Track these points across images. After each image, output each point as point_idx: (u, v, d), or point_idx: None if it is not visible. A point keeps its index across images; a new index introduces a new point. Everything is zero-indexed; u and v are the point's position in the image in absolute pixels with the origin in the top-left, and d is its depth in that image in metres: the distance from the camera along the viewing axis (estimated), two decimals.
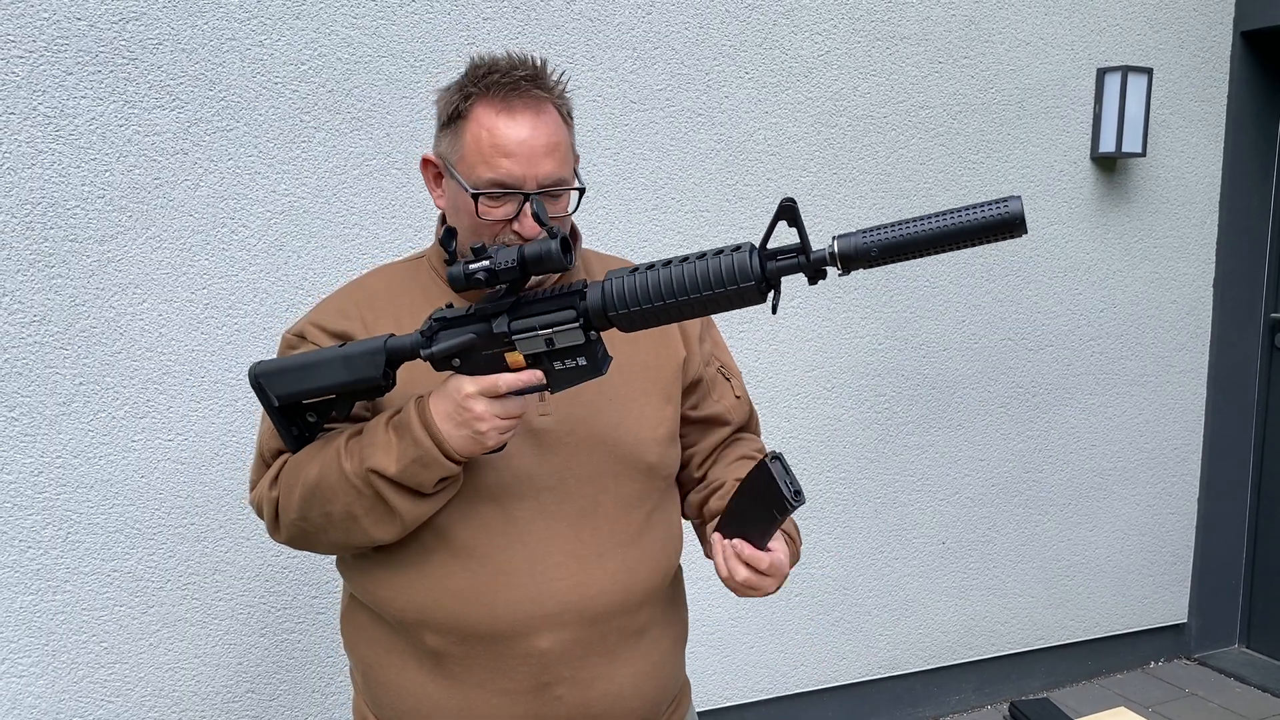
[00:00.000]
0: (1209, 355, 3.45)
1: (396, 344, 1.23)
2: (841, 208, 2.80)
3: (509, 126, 1.24)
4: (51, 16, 1.96)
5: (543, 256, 1.14)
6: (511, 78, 1.25)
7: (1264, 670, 3.50)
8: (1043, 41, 3.01)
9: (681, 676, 1.51)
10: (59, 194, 2.00)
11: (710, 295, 1.12)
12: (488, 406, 1.18)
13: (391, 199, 2.28)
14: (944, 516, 3.10)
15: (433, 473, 1.22)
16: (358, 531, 1.27)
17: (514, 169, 1.24)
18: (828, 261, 1.10)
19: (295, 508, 1.29)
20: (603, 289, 1.16)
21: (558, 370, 1.21)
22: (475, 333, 1.20)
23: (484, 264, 1.16)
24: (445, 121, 1.29)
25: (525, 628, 1.29)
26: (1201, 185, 3.34)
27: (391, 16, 2.24)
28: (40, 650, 2.09)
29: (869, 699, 3.10)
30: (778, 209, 1.08)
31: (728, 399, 1.49)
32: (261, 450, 1.38)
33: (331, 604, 2.33)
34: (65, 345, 2.04)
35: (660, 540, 1.41)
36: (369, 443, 1.24)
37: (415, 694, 1.34)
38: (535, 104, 1.25)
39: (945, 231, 1.05)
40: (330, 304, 1.40)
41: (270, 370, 1.27)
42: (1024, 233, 1.05)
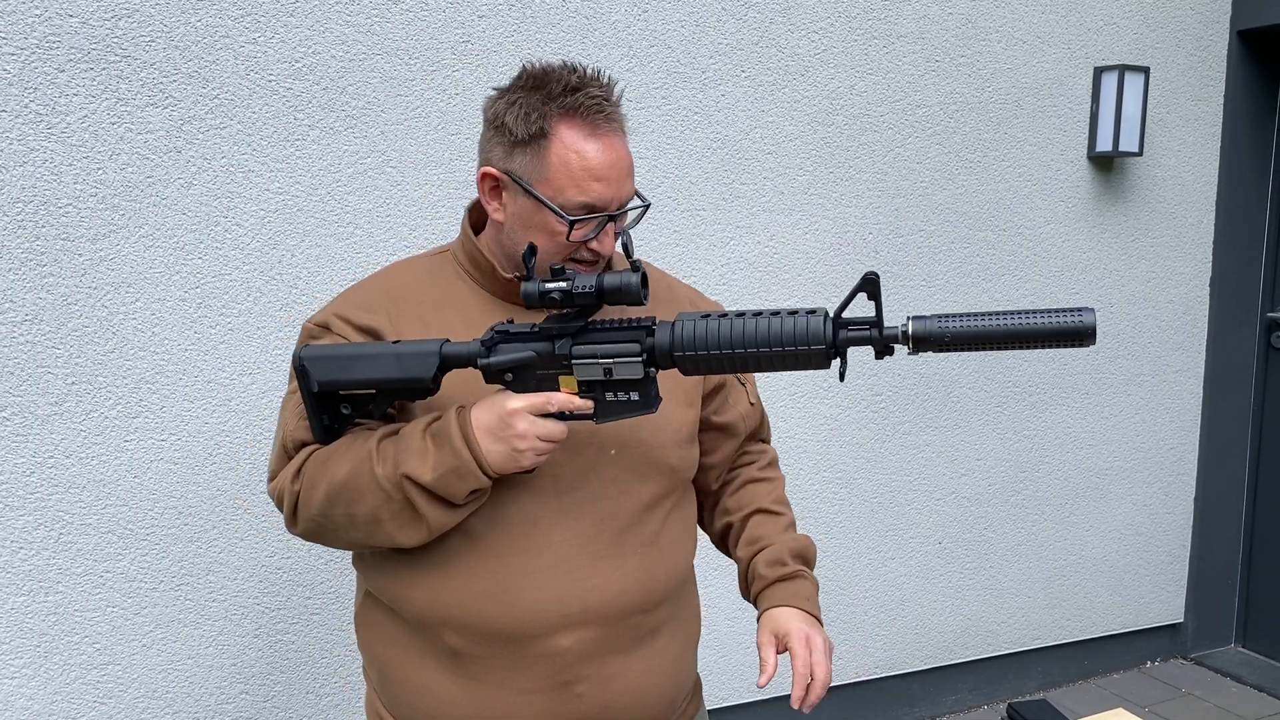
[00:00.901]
0: (1205, 355, 3.45)
1: (452, 350, 1.24)
2: (838, 207, 2.80)
3: (599, 152, 1.25)
4: (43, 14, 1.94)
5: (622, 289, 1.17)
6: (593, 99, 1.25)
7: (1260, 670, 3.50)
8: (1039, 40, 3.00)
9: (694, 673, 1.54)
10: (51, 192, 1.99)
11: (779, 353, 1.15)
12: (530, 425, 1.20)
13: (386, 197, 2.27)
14: (940, 516, 3.10)
15: (466, 484, 1.22)
16: (380, 534, 1.27)
17: (604, 192, 1.26)
18: (899, 340, 1.14)
19: (318, 504, 1.29)
20: (673, 330, 1.18)
21: (608, 400, 1.23)
22: (536, 351, 1.22)
23: (561, 285, 1.18)
24: (520, 139, 1.26)
25: (547, 628, 1.30)
26: (1198, 184, 3.34)
27: (386, 14, 2.23)
28: (32, 652, 2.08)
29: (866, 699, 3.09)
30: (861, 281, 1.11)
31: (741, 405, 1.53)
32: (284, 441, 1.36)
33: (325, 605, 2.32)
34: (57, 344, 2.03)
35: (677, 540, 1.43)
36: (404, 448, 1.24)
37: (433, 693, 1.35)
38: (615, 126, 1.28)
39: (1018, 332, 1.10)
40: (354, 296, 1.39)
41: (318, 356, 1.27)
42: (1092, 343, 1.09)
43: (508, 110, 1.27)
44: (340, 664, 2.36)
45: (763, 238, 2.71)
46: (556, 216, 1.25)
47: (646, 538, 1.36)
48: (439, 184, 2.31)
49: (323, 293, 2.22)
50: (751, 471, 1.56)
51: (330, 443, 1.32)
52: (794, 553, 1.48)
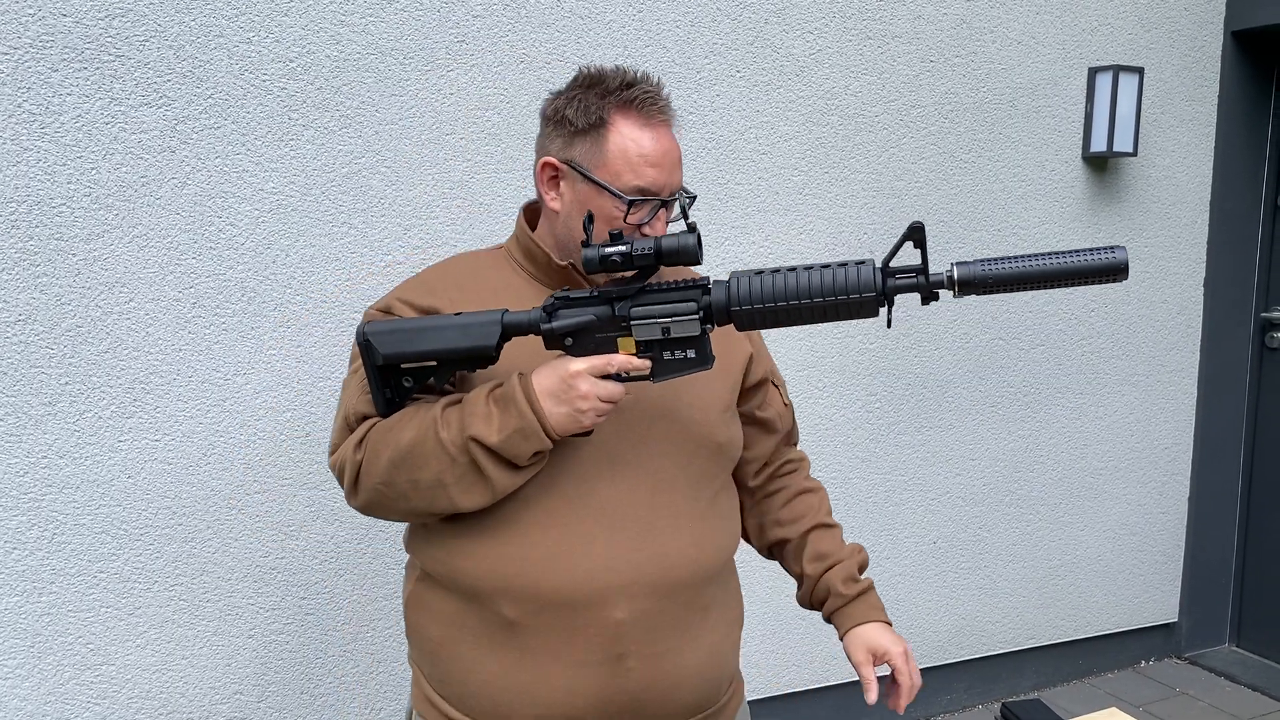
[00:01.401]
0: (1200, 355, 3.46)
1: (513, 318, 1.31)
2: (833, 207, 2.80)
3: (653, 140, 1.35)
4: (37, 13, 1.94)
5: (679, 249, 1.24)
6: (646, 94, 1.36)
7: (1254, 669, 3.50)
8: (1034, 41, 3.01)
9: (735, 663, 1.56)
10: (45, 192, 1.99)
11: (831, 302, 1.22)
12: (592, 387, 1.26)
13: (380, 197, 2.27)
14: (935, 516, 3.10)
15: (531, 445, 1.28)
16: (443, 499, 1.32)
17: (658, 178, 1.35)
18: (945, 285, 1.21)
19: (381, 472, 1.33)
20: (728, 286, 1.25)
21: (665, 359, 1.29)
22: (595, 314, 1.29)
23: (620, 248, 1.25)
24: (580, 129, 1.36)
25: (602, 597, 1.34)
26: (1192, 185, 3.35)
27: (380, 14, 2.22)
28: (26, 652, 2.08)
29: (859, 699, 3.09)
30: (906, 230, 1.17)
31: (777, 404, 1.60)
32: (346, 414, 1.41)
33: (319, 605, 2.32)
34: (51, 344, 2.02)
35: (724, 519, 1.48)
36: (470, 413, 1.30)
37: (487, 668, 1.38)
38: (667, 119, 1.38)
39: (1056, 271, 1.17)
40: (415, 283, 1.46)
41: (383, 330, 1.33)
42: (1125, 278, 1.19)
43: (567, 105, 1.37)
44: (335, 664, 2.36)
45: (758, 238, 2.71)
46: (615, 199, 1.34)
47: (697, 512, 1.41)
48: (433, 184, 2.31)
49: (317, 293, 2.22)
50: (799, 481, 1.64)
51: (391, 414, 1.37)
52: (860, 566, 1.60)
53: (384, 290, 2.28)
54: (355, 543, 2.34)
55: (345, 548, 2.33)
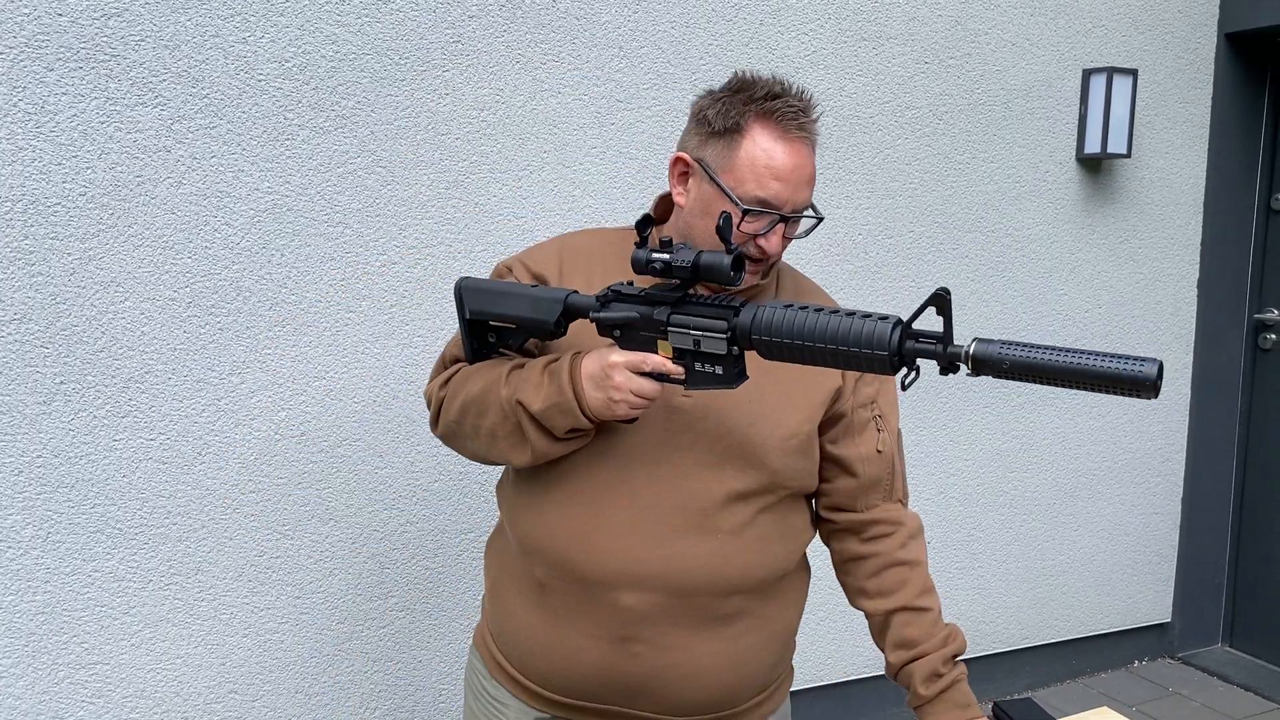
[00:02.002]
0: (1193, 356, 3.47)
1: (575, 300, 1.37)
2: (828, 208, 2.80)
3: (785, 153, 1.36)
4: (32, 12, 1.94)
5: (714, 266, 1.25)
6: (790, 108, 1.37)
7: (1247, 669, 3.51)
8: (1028, 42, 3.02)
9: (770, 675, 1.55)
10: (40, 191, 1.99)
11: (844, 351, 1.19)
12: (627, 380, 1.30)
13: (376, 197, 2.27)
14: (929, 516, 3.11)
15: (567, 420, 1.34)
16: (496, 450, 1.43)
17: (781, 192, 1.36)
18: (961, 359, 1.15)
19: (455, 411, 1.45)
20: (755, 312, 1.25)
21: (697, 370, 1.31)
22: (639, 313, 1.32)
23: (663, 257, 1.28)
24: (717, 131, 1.38)
25: (614, 581, 1.39)
26: (1186, 186, 3.36)
27: (376, 14, 2.23)
28: (20, 651, 2.08)
29: (856, 698, 3.10)
30: (931, 296, 1.13)
31: (865, 447, 1.52)
32: (445, 354, 1.55)
33: (314, 605, 2.32)
34: (46, 344, 2.02)
35: (766, 539, 1.46)
36: (523, 378, 1.38)
37: (520, 616, 1.49)
38: (805, 136, 1.38)
39: (1077, 370, 1.08)
40: (541, 248, 1.55)
41: (473, 287, 1.46)
42: (1154, 396, 1.07)
43: (711, 105, 1.40)
44: (330, 663, 2.36)
45: None
46: (732, 204, 1.35)
47: (729, 528, 1.41)
48: (429, 184, 2.31)
49: (312, 292, 2.23)
50: (892, 550, 1.56)
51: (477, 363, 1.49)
52: (950, 656, 1.51)
53: (380, 289, 2.29)
54: (350, 542, 2.34)
55: (340, 547, 2.33)
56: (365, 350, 2.30)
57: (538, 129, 2.42)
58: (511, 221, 2.41)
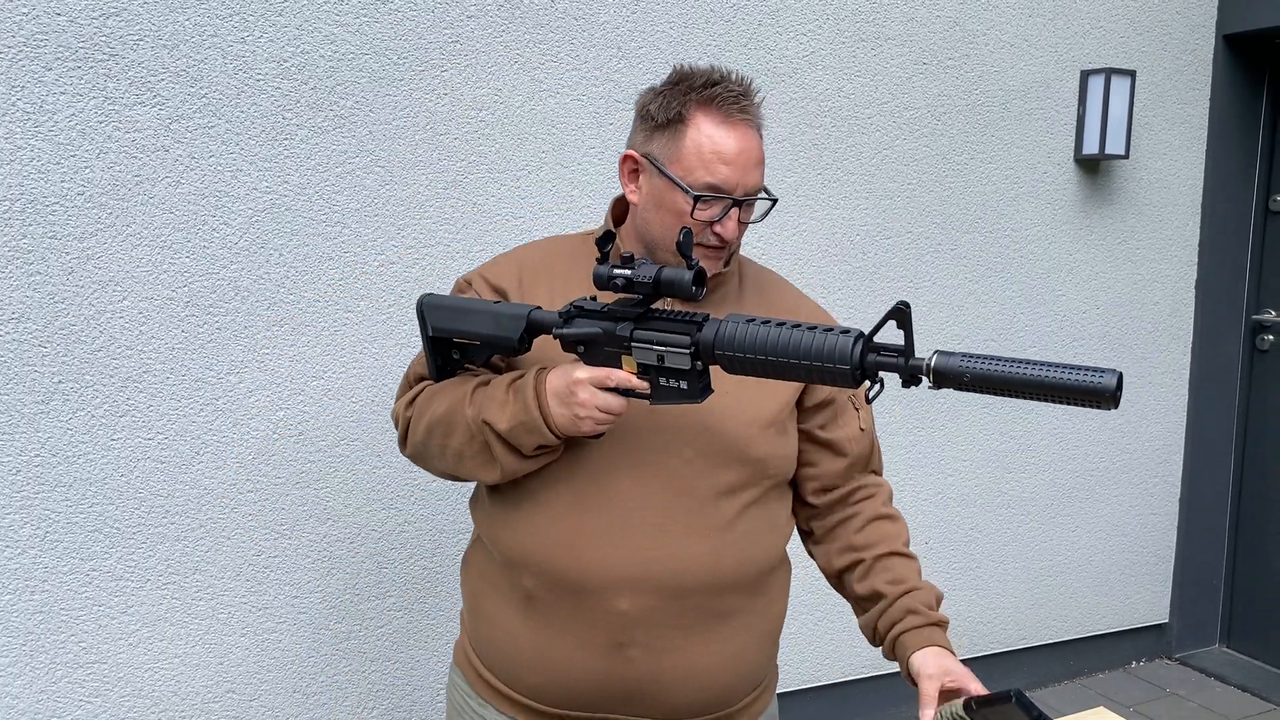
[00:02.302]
0: (1191, 357, 3.47)
1: (538, 316, 1.37)
2: (826, 208, 2.81)
3: (729, 137, 1.36)
4: (31, 11, 1.94)
5: (675, 282, 1.24)
6: (730, 92, 1.37)
7: (1245, 670, 3.52)
8: (1027, 43, 3.02)
9: (762, 672, 1.55)
10: (38, 190, 1.99)
11: (806, 365, 1.19)
12: (591, 396, 1.29)
13: (374, 197, 2.27)
14: (927, 517, 3.11)
15: (533, 438, 1.34)
16: (464, 468, 1.42)
17: (730, 176, 1.36)
18: (923, 372, 1.16)
19: (421, 432, 1.45)
20: (718, 328, 1.24)
21: (662, 385, 1.31)
22: (602, 329, 1.31)
23: (625, 272, 1.27)
24: (661, 124, 1.39)
25: (608, 586, 1.38)
26: (1184, 187, 3.36)
27: (374, 14, 2.23)
28: (18, 650, 2.08)
29: (853, 698, 3.10)
30: (891, 309, 1.14)
31: (850, 428, 1.56)
32: (409, 373, 1.55)
33: (312, 604, 2.33)
34: (44, 343, 2.03)
35: (754, 533, 1.46)
36: (489, 397, 1.38)
37: (507, 629, 1.46)
38: (749, 119, 1.39)
39: (1037, 382, 1.09)
40: (500, 261, 1.54)
41: (435, 304, 1.44)
42: (1113, 407, 1.07)
43: (653, 100, 1.41)
44: (327, 663, 2.36)
45: (750, 238, 2.71)
46: (683, 193, 1.36)
47: (719, 523, 1.41)
48: (427, 184, 2.32)
49: (310, 292, 2.23)
50: (876, 507, 1.58)
51: (441, 381, 1.48)
52: (938, 599, 1.55)
53: (378, 289, 2.29)
54: (348, 542, 2.34)
55: (338, 547, 2.33)
56: (363, 350, 2.30)
57: (536, 129, 2.42)
58: (510, 221, 2.41)
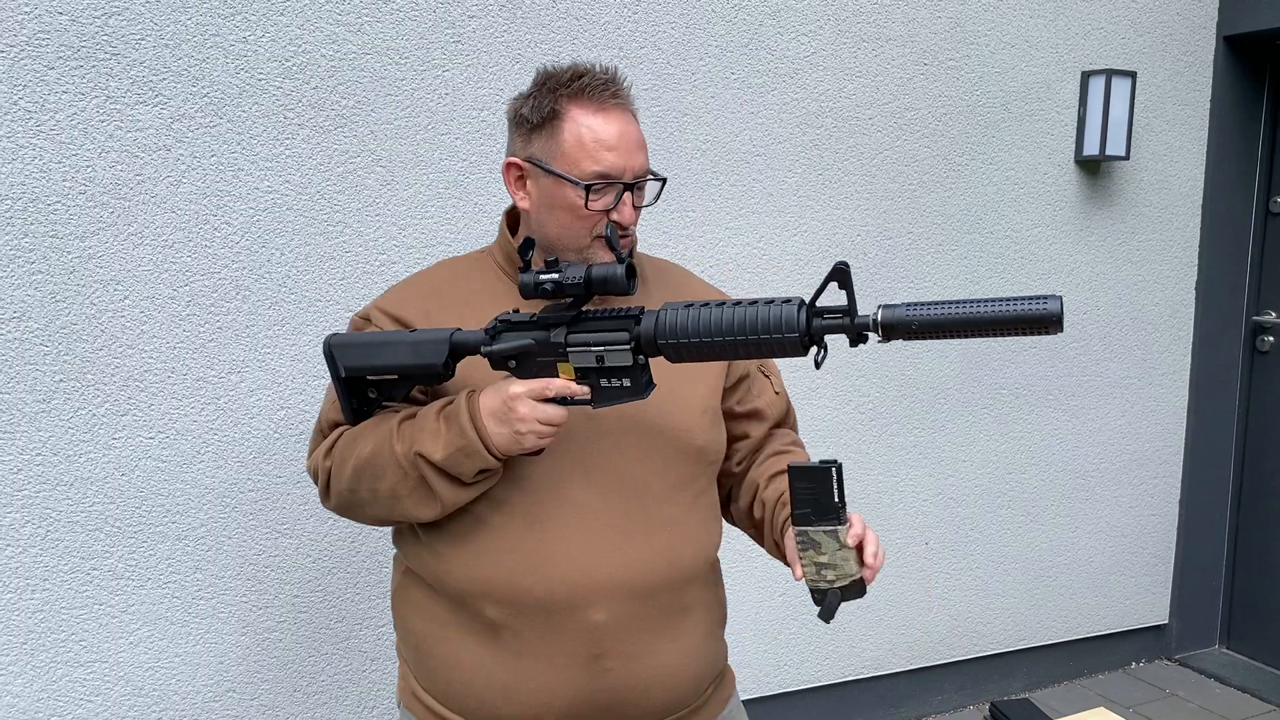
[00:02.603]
0: (1191, 358, 3.47)
1: (461, 338, 1.32)
2: (827, 209, 2.81)
3: (607, 123, 1.36)
4: (33, 11, 1.94)
5: (608, 279, 1.23)
6: (599, 81, 1.37)
7: (1244, 671, 3.52)
8: (1028, 44, 3.02)
9: (722, 659, 1.57)
10: (39, 189, 1.99)
11: (755, 340, 1.19)
12: (531, 410, 1.26)
13: (375, 197, 2.27)
14: (927, 517, 3.11)
15: (474, 463, 1.30)
16: (399, 509, 1.36)
17: (616, 161, 1.35)
18: (870, 327, 1.17)
19: (346, 480, 1.38)
20: (657, 318, 1.24)
21: (603, 387, 1.28)
22: (534, 339, 1.28)
23: (553, 276, 1.25)
24: (536, 125, 1.38)
25: (580, 600, 1.36)
26: (1184, 188, 3.36)
27: (377, 14, 2.23)
28: (19, 649, 2.08)
29: (852, 699, 3.10)
30: (831, 271, 1.14)
31: (767, 394, 1.59)
32: (321, 421, 1.48)
33: (313, 603, 2.33)
34: (45, 342, 2.03)
35: (705, 522, 1.48)
36: (419, 428, 1.33)
37: (469, 665, 1.41)
38: (621, 103, 1.39)
39: (983, 318, 1.12)
40: (396, 292, 1.50)
41: (344, 343, 1.38)
42: (1059, 330, 1.10)
43: (524, 104, 1.40)
44: (328, 663, 2.36)
45: (751, 239, 2.72)
46: (575, 187, 1.34)
47: (674, 517, 1.42)
48: (429, 184, 2.32)
49: (311, 291, 2.23)
50: (775, 446, 1.60)
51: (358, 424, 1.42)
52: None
53: (379, 290, 2.29)
54: (348, 541, 2.34)
55: (338, 546, 2.33)
56: None
57: None
58: None
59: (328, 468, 1.42)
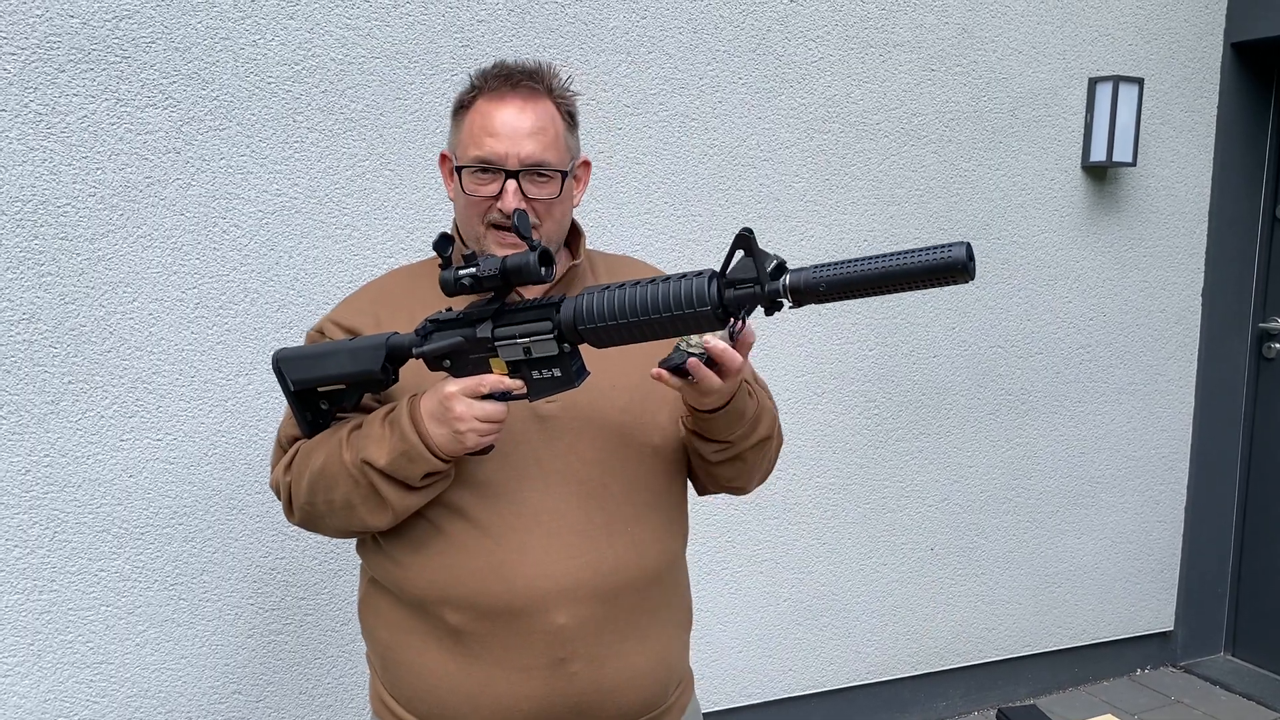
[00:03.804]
0: (1197, 364, 3.47)
1: (396, 341, 1.31)
2: (833, 214, 2.81)
3: (498, 110, 1.36)
4: (44, 14, 1.95)
5: (522, 268, 1.21)
6: (508, 72, 1.38)
7: (1249, 678, 3.51)
8: (1035, 50, 3.02)
9: (685, 665, 1.56)
10: (50, 192, 2.00)
11: (669, 317, 1.16)
12: (467, 408, 1.25)
13: (384, 200, 2.28)
14: (933, 523, 3.11)
15: (418, 467, 1.29)
16: (355, 519, 1.36)
17: (497, 147, 1.34)
18: (780, 294, 1.13)
19: (304, 493, 1.38)
20: (575, 304, 1.22)
21: (535, 380, 1.27)
22: (463, 336, 1.27)
23: (470, 271, 1.23)
24: (454, 116, 1.42)
25: (543, 603, 1.34)
26: (1191, 195, 3.36)
27: (385, 18, 2.24)
28: (26, 650, 2.08)
29: (857, 704, 3.10)
30: (735, 238, 1.11)
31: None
32: (280, 436, 1.48)
33: (319, 606, 2.33)
34: (55, 344, 2.03)
35: (666, 521, 1.46)
36: (365, 434, 1.33)
37: (434, 673, 1.40)
38: (527, 94, 1.37)
39: (890, 272, 1.07)
40: (349, 302, 1.50)
41: (289, 357, 1.38)
42: (969, 279, 1.05)
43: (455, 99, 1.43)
44: (333, 664, 2.37)
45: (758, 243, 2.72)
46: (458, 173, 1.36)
47: (634, 516, 1.40)
48: (436, 187, 2.32)
49: (319, 294, 2.23)
50: None
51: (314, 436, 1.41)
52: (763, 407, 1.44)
53: None
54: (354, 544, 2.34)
55: (344, 549, 2.33)
56: None
57: None
58: None
59: (288, 482, 1.41)
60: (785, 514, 2.86)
